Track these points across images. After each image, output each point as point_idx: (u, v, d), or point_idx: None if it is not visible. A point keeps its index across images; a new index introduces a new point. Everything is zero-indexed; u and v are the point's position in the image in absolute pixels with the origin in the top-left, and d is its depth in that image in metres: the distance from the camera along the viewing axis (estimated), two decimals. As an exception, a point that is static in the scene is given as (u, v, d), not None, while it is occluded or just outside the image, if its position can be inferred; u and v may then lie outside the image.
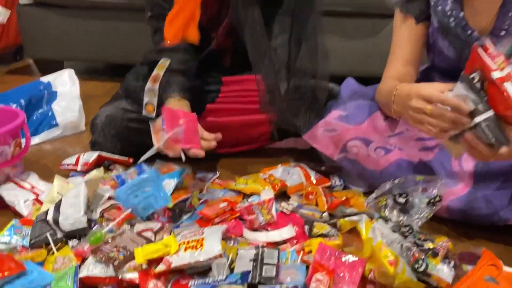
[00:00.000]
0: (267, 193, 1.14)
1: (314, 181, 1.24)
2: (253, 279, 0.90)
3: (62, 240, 1.01)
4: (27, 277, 0.92)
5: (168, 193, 1.09)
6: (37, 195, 1.17)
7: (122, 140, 1.33)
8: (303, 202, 1.16)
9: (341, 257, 0.92)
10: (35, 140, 1.57)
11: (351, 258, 0.91)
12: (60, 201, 1.06)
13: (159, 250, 0.94)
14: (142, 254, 0.94)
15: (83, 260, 0.97)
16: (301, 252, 0.98)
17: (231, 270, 0.94)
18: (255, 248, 0.99)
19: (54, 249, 0.99)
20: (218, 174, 1.33)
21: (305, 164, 1.30)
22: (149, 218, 1.07)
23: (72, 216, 1.02)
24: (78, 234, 1.02)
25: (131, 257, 0.95)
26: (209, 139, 1.20)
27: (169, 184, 1.19)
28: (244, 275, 0.90)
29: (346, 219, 0.93)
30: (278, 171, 1.28)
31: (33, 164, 1.42)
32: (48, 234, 1.00)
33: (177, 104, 1.23)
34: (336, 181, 1.25)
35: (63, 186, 1.15)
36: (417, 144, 1.17)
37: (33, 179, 1.25)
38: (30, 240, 1.01)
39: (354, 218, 0.92)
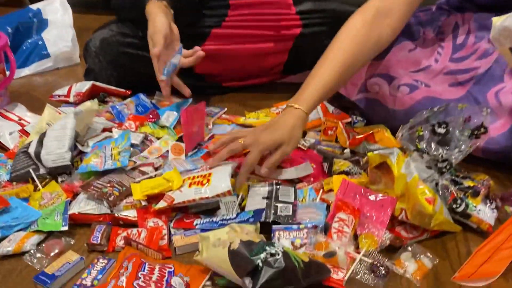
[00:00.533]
0: (282, 127, 1.01)
1: (333, 117, 1.11)
2: (267, 218, 0.79)
3: (46, 176, 0.90)
4: (11, 214, 0.82)
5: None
6: (23, 126, 1.05)
7: (119, 67, 1.19)
8: (321, 138, 1.04)
9: (368, 195, 0.80)
10: (24, 71, 1.44)
11: (379, 196, 0.79)
12: (45, 133, 0.93)
13: (160, 185, 0.83)
14: (141, 189, 0.83)
15: (74, 196, 0.86)
16: (320, 191, 0.86)
17: (242, 209, 0.84)
18: (268, 185, 0.88)
19: (39, 185, 0.88)
20: (225, 110, 1.20)
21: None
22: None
23: (55, 151, 0.89)
24: (60, 171, 0.90)
25: (127, 193, 0.83)
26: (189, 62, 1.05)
27: (171, 116, 1.06)
28: (257, 213, 0.79)
29: (375, 152, 0.81)
30: (293, 105, 1.14)
31: (21, 96, 1.29)
32: (30, 169, 0.88)
33: (159, 11, 1.04)
34: (357, 117, 1.12)
35: (54, 116, 1.02)
36: (446, 78, 1.03)
37: (21, 110, 1.13)
38: (11, 173, 0.90)
39: (385, 151, 0.80)
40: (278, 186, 0.87)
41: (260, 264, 0.64)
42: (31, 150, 0.90)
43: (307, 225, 0.76)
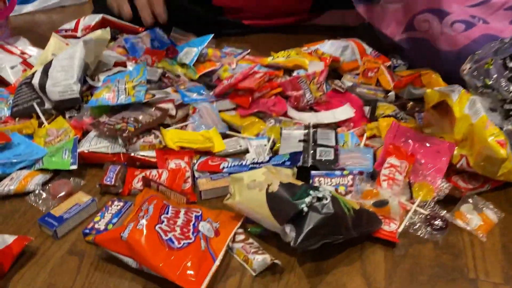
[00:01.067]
0: (317, 65, 0.90)
1: (371, 59, 0.99)
2: (304, 163, 0.68)
3: (52, 112, 0.80)
4: (13, 150, 0.72)
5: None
6: (25, 58, 0.94)
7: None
8: (360, 81, 0.92)
9: (422, 139, 0.70)
10: (27, 7, 1.34)
11: (435, 141, 0.69)
12: (50, 62, 0.82)
13: (198, 141, 0.74)
14: (173, 138, 0.73)
15: (84, 134, 0.76)
16: (364, 136, 0.76)
17: (274, 154, 0.73)
18: (304, 127, 0.77)
19: (44, 121, 0.77)
20: (249, 51, 1.08)
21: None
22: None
23: (62, 82, 0.78)
24: (68, 106, 0.80)
25: (143, 129, 0.73)
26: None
27: (190, 53, 0.95)
28: (294, 156, 0.69)
29: (435, 89, 0.70)
30: (326, 46, 1.01)
31: (24, 33, 1.17)
32: (34, 103, 0.78)
33: None
34: (397, 60, 1.00)
35: (60, 46, 0.91)
36: (508, 14, 0.90)
37: (23, 44, 1.02)
38: (12, 107, 0.80)
39: (445, 88, 0.69)
40: (316, 129, 0.76)
41: (305, 209, 0.54)
42: (35, 81, 0.79)
43: (353, 171, 0.66)
